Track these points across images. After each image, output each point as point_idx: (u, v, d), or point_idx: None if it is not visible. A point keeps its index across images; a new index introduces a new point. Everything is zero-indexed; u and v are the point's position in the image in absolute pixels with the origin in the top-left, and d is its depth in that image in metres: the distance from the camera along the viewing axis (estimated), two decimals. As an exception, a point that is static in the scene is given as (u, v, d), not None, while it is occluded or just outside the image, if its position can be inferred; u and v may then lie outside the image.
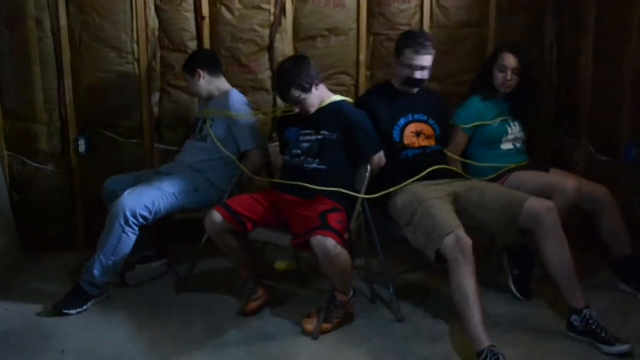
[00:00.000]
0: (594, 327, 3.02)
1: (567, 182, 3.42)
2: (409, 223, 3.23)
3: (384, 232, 3.52)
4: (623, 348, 2.93)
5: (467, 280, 2.87)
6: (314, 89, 3.37)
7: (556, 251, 3.10)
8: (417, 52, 3.46)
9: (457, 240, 2.91)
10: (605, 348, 2.97)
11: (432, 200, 3.19)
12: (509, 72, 3.71)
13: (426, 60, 3.48)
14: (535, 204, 3.14)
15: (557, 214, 3.12)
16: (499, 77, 3.74)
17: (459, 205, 3.29)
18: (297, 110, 3.41)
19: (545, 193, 3.42)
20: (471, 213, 3.27)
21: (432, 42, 3.52)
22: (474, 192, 3.34)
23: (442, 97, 3.91)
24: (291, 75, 3.34)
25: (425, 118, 3.61)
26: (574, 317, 3.08)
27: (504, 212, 3.20)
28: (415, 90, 3.58)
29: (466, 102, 3.87)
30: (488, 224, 3.26)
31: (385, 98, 3.60)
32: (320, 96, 3.45)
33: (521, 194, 3.27)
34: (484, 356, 2.74)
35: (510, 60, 3.71)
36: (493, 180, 3.65)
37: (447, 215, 3.09)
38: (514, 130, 3.79)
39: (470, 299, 2.85)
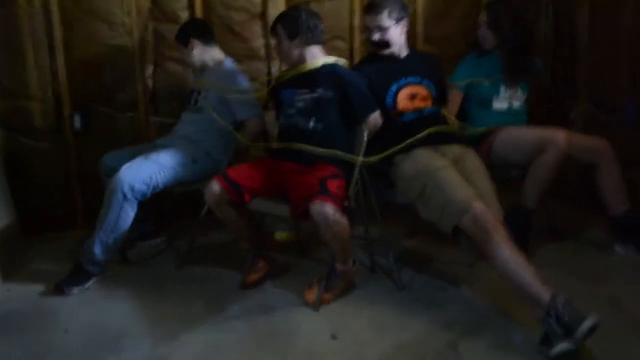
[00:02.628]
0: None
1: (557, 134, 3.42)
2: (419, 196, 3.19)
3: (383, 198, 3.51)
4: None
5: (501, 252, 2.79)
6: (295, 41, 3.44)
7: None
8: (368, 13, 3.55)
9: (474, 219, 2.88)
10: None
11: (441, 171, 3.14)
12: (483, 27, 3.75)
13: (377, 20, 3.49)
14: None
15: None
16: (478, 33, 3.79)
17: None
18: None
19: (536, 147, 3.44)
20: None
21: (391, 3, 3.50)
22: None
23: (436, 56, 3.88)
24: (288, 14, 3.53)
25: (418, 80, 3.58)
26: None
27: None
28: (386, 51, 3.57)
29: (462, 60, 3.88)
30: None
31: (375, 66, 3.58)
32: (301, 55, 3.47)
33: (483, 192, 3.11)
34: (547, 312, 2.59)
35: (482, 16, 3.76)
36: (484, 136, 3.65)
37: (459, 189, 3.03)
38: (509, 89, 3.76)
39: (512, 266, 2.76)
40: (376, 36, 3.52)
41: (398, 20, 3.52)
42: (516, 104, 3.80)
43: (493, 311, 3.07)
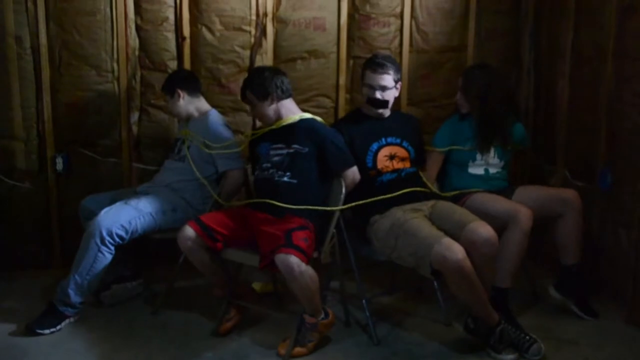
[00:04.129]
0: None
1: (520, 212, 3.39)
2: (394, 249, 3.25)
3: (360, 254, 3.52)
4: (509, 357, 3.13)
5: (465, 291, 3.07)
6: (267, 101, 3.49)
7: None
8: (374, 72, 3.54)
9: (443, 250, 2.97)
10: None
11: (411, 221, 3.23)
12: (458, 92, 3.81)
13: (384, 80, 3.53)
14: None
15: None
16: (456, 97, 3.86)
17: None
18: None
19: (502, 220, 3.41)
20: None
21: (394, 65, 3.58)
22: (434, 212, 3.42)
23: (416, 119, 3.95)
24: (253, 79, 3.56)
25: (398, 141, 3.63)
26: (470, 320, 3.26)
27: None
28: (380, 111, 3.62)
29: (446, 121, 3.95)
30: None
31: (356, 125, 3.63)
32: (276, 111, 3.53)
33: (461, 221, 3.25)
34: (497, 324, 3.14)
35: (460, 80, 3.83)
36: (455, 198, 3.67)
37: (427, 230, 3.13)
38: (486, 156, 3.79)
39: (474, 298, 3.10)
40: (379, 95, 3.55)
41: (396, 82, 3.60)
42: (493, 170, 3.81)
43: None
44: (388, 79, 3.54)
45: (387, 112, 3.66)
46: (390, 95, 3.58)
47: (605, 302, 3.75)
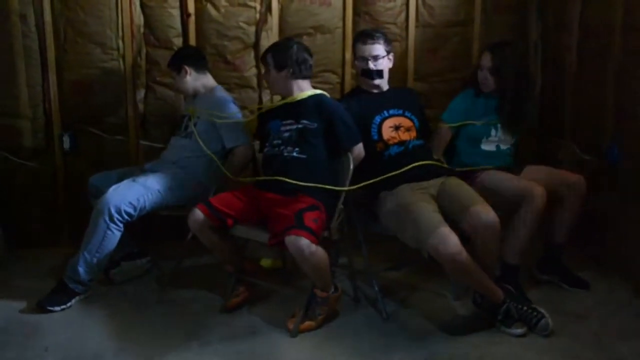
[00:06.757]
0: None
1: (534, 190, 3.36)
2: (398, 229, 3.26)
3: (368, 230, 3.52)
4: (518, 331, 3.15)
5: (462, 278, 3.18)
6: (282, 72, 3.49)
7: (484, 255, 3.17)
8: (364, 43, 3.60)
9: (436, 243, 2.98)
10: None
11: (415, 204, 3.22)
12: (485, 71, 3.72)
13: (375, 49, 3.58)
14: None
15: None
16: (478, 75, 3.77)
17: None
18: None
19: (514, 198, 3.40)
20: None
21: (383, 35, 3.65)
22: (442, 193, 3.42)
23: (414, 91, 3.99)
24: (279, 46, 3.58)
25: (400, 111, 3.64)
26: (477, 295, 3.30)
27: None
28: (377, 82, 3.65)
29: (459, 95, 3.90)
30: None
31: (357, 100, 3.65)
32: (287, 87, 3.53)
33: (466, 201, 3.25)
34: (503, 302, 3.16)
35: (486, 59, 3.73)
36: (467, 174, 3.65)
37: (427, 216, 3.12)
38: (500, 132, 3.77)
39: (474, 281, 3.15)
40: (372, 65, 3.58)
41: (388, 52, 3.62)
42: (504, 146, 3.79)
43: (477, 345, 3.08)
44: (379, 48, 3.58)
45: (384, 84, 3.69)
46: (384, 64, 3.62)
47: (613, 276, 3.76)
